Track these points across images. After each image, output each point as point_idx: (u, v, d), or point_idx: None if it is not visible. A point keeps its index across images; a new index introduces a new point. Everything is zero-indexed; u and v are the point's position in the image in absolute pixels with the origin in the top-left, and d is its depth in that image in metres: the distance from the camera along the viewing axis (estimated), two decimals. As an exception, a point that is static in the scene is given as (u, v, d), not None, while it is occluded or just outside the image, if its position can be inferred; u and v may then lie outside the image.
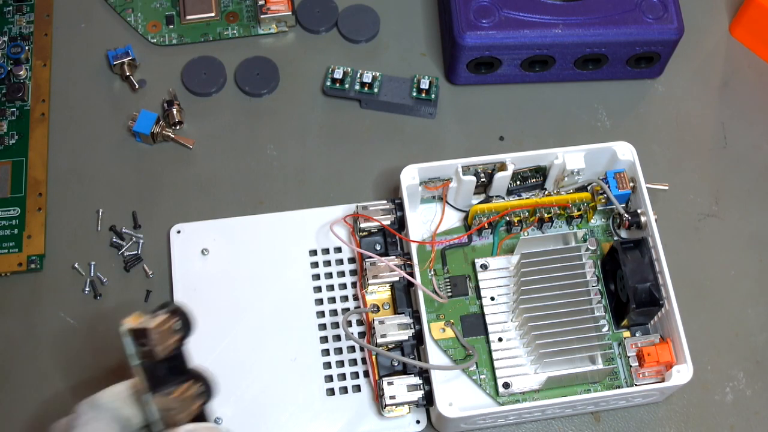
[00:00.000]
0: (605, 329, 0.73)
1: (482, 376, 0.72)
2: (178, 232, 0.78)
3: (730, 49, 0.88)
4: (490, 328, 0.73)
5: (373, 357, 0.72)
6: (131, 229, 0.78)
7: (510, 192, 0.77)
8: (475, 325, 0.74)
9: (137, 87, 0.84)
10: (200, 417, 0.58)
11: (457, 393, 0.72)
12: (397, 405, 0.70)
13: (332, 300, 0.76)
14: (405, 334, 0.71)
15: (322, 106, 0.84)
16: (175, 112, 0.82)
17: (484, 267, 0.75)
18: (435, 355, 0.72)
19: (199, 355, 0.73)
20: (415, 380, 0.70)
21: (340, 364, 0.74)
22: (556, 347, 0.71)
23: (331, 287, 0.76)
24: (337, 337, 0.74)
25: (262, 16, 0.85)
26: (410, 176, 0.74)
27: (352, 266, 0.77)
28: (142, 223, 0.79)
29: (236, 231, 0.78)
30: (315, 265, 0.77)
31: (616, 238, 0.76)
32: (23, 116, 0.82)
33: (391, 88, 0.82)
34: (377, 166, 0.82)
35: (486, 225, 0.75)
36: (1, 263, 0.76)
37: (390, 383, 0.70)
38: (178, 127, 0.82)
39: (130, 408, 0.58)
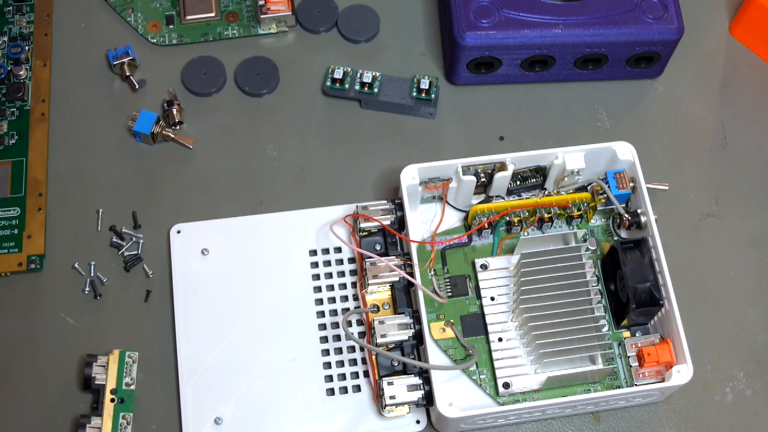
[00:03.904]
0: (605, 329, 0.73)
1: (482, 376, 0.72)
2: (178, 232, 0.78)
3: (730, 49, 0.88)
4: (490, 328, 0.73)
5: (373, 357, 0.72)
6: (131, 229, 0.78)
7: (510, 192, 0.77)
8: (475, 325, 0.74)
9: (137, 87, 0.84)
10: None
11: (457, 393, 0.72)
12: (397, 405, 0.70)
13: (332, 300, 0.76)
14: (405, 334, 0.71)
15: (322, 106, 0.84)
16: (175, 112, 0.82)
17: (484, 267, 0.75)
18: (435, 355, 0.72)
19: (200, 355, 0.73)
20: (415, 380, 0.70)
21: (340, 364, 0.74)
22: (556, 347, 0.71)
23: (331, 287, 0.76)
24: (337, 337, 0.74)
25: (262, 16, 0.85)
26: (410, 176, 0.74)
27: (352, 266, 0.77)
28: (142, 223, 0.79)
29: (236, 231, 0.78)
30: (315, 265, 0.77)
31: (616, 238, 0.76)
32: (23, 116, 0.82)
33: (391, 88, 0.82)
34: (377, 166, 0.82)
35: (486, 225, 0.75)
36: (1, 263, 0.76)
37: (390, 383, 0.70)
38: (178, 127, 0.82)
39: None
